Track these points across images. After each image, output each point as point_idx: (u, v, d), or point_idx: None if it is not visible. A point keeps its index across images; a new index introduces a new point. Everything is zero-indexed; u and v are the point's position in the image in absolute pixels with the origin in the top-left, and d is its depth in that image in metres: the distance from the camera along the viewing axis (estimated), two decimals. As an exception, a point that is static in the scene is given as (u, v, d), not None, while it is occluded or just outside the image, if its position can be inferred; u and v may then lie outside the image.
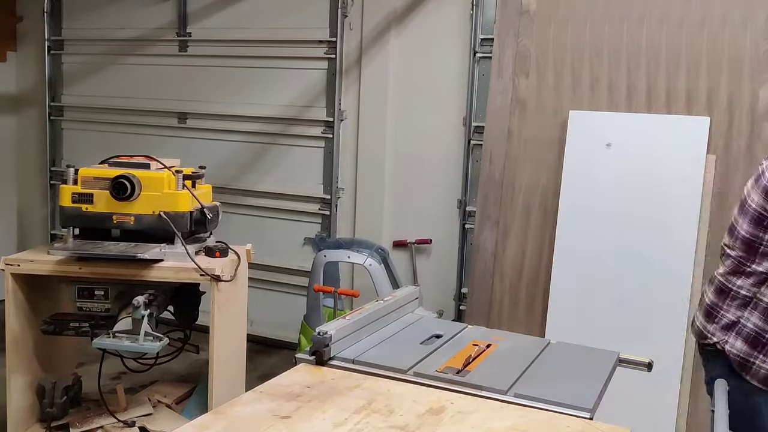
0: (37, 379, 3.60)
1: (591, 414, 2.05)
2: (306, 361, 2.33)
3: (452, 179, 5.00)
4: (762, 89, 3.89)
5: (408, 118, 5.10)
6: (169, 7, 5.81)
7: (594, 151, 4.02)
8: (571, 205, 4.06)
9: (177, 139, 5.85)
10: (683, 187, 3.85)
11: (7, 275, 3.41)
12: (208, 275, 3.35)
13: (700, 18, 4.00)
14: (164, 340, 3.28)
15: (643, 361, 2.63)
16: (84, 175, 3.43)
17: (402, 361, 2.33)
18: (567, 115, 4.17)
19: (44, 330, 3.46)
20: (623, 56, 4.15)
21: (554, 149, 4.25)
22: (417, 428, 1.93)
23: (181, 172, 3.49)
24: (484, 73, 4.80)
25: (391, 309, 2.81)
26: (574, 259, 4.02)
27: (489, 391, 2.15)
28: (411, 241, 5.09)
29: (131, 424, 3.64)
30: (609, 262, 3.93)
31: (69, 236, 3.47)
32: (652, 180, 3.91)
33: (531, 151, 4.36)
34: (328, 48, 5.29)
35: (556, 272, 4.06)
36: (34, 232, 6.47)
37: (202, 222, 3.53)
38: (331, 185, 5.35)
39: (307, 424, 1.93)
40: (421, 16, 5.01)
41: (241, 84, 5.62)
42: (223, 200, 3.94)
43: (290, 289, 5.53)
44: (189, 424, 1.97)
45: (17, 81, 6.45)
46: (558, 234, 4.09)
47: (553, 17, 4.33)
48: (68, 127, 6.34)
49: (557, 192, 4.22)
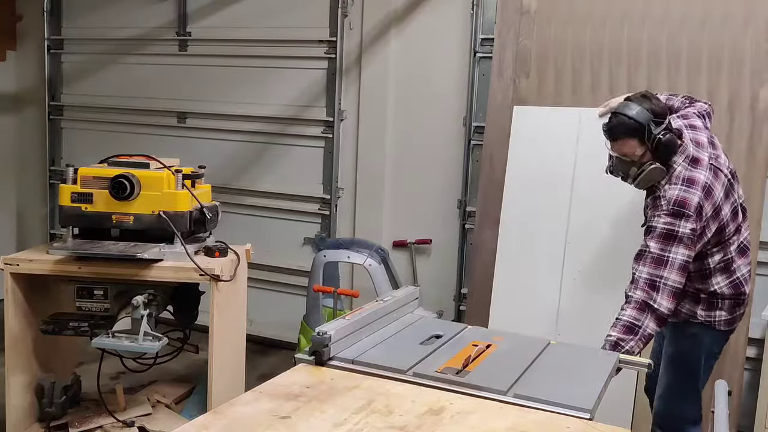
0: (36, 379, 3.60)
1: (591, 415, 2.05)
2: (305, 361, 2.33)
3: (452, 179, 5.00)
4: (762, 89, 3.89)
5: (408, 118, 5.10)
6: (168, 7, 5.80)
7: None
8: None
9: (176, 138, 5.84)
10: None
11: (6, 275, 3.41)
12: (208, 275, 3.35)
13: (700, 18, 4.00)
14: (163, 339, 3.28)
15: (643, 362, 2.63)
16: (83, 175, 3.43)
17: (402, 361, 2.33)
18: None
19: (43, 330, 3.45)
20: (624, 56, 4.15)
21: (554, 149, 4.25)
22: (416, 428, 1.93)
23: (181, 172, 3.48)
24: (484, 73, 4.80)
25: (390, 309, 2.81)
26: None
27: (488, 391, 2.15)
28: (411, 241, 5.09)
29: (130, 423, 3.64)
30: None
31: (68, 236, 3.46)
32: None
33: (531, 151, 4.35)
34: (328, 47, 5.29)
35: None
36: (33, 232, 6.46)
37: (202, 222, 3.53)
38: (331, 185, 5.35)
39: (306, 424, 1.92)
40: (422, 16, 5.00)
41: (241, 84, 5.62)
42: (222, 200, 3.93)
43: (290, 289, 5.53)
44: (188, 424, 1.97)
45: (17, 80, 6.44)
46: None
47: (553, 17, 4.33)
48: (68, 127, 6.34)
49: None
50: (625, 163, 2.89)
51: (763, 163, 3.88)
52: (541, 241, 3.97)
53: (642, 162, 2.86)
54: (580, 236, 3.87)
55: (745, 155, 3.89)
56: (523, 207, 4.08)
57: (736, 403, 3.84)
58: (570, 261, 3.89)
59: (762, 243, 3.96)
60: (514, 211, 4.11)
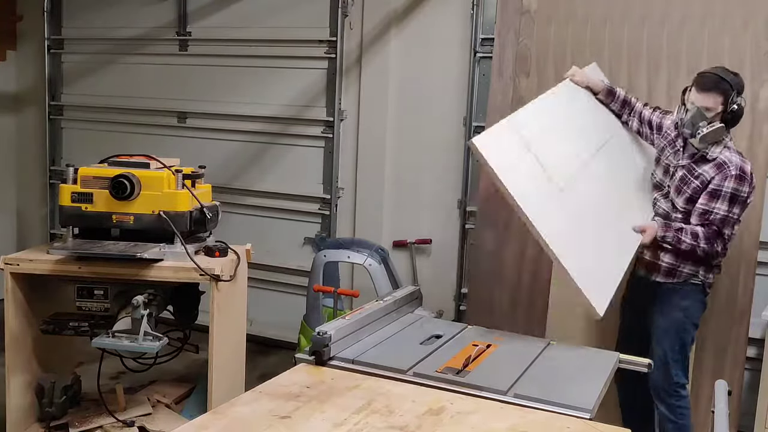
0: (36, 379, 3.59)
1: (591, 415, 2.05)
2: (305, 361, 2.33)
3: (452, 179, 5.00)
4: (762, 89, 3.90)
5: (408, 117, 5.09)
6: (169, 7, 5.80)
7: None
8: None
9: (177, 138, 5.84)
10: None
11: (6, 275, 3.41)
12: (208, 275, 3.35)
13: (700, 19, 4.00)
14: (163, 339, 3.28)
15: (642, 362, 2.63)
16: (84, 175, 3.43)
17: (402, 361, 2.33)
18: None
19: (43, 329, 3.45)
20: (624, 56, 4.15)
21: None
22: (416, 428, 1.93)
23: (181, 172, 3.48)
24: (484, 73, 4.80)
25: (390, 309, 2.81)
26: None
27: (489, 391, 2.15)
28: (411, 241, 5.08)
29: (130, 423, 3.63)
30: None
31: (68, 236, 3.46)
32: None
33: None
34: (328, 47, 5.29)
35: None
36: (33, 232, 6.46)
37: (202, 221, 3.53)
38: (331, 185, 5.35)
39: (306, 424, 1.93)
40: (422, 16, 5.00)
41: (241, 83, 5.61)
42: (222, 200, 3.93)
43: (290, 289, 5.53)
44: (188, 424, 1.97)
45: (17, 80, 6.44)
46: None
47: (553, 17, 4.33)
48: (68, 127, 6.34)
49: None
50: (700, 115, 3.20)
51: (763, 163, 3.88)
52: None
53: (713, 120, 3.21)
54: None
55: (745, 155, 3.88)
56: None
57: (736, 403, 3.84)
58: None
59: (762, 243, 3.96)
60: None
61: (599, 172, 3.41)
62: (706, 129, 3.20)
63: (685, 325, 3.41)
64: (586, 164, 3.32)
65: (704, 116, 3.20)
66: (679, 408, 3.40)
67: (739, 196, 3.23)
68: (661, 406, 3.42)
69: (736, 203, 3.23)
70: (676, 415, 3.39)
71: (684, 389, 3.43)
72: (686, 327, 3.41)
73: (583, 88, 3.70)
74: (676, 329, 3.39)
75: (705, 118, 3.20)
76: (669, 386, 3.38)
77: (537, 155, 3.00)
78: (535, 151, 3.01)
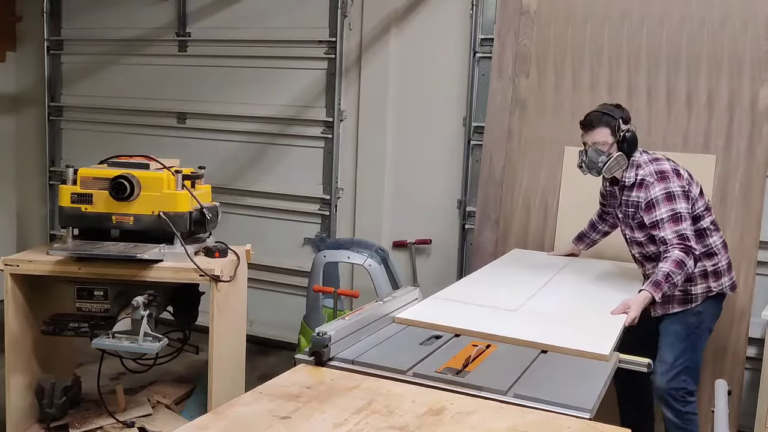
0: (36, 380, 3.59)
1: (591, 414, 2.05)
2: (305, 362, 2.33)
3: (452, 179, 5.00)
4: (762, 89, 3.89)
5: (408, 118, 5.09)
6: (168, 7, 5.80)
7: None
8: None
9: (176, 139, 5.84)
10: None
11: (6, 275, 3.41)
12: (208, 275, 3.35)
13: (700, 18, 4.00)
14: (163, 340, 3.28)
15: (642, 362, 2.63)
16: (83, 176, 3.43)
17: (401, 361, 2.33)
18: (567, 115, 4.17)
19: (43, 330, 3.45)
20: (623, 56, 4.15)
21: (554, 149, 4.25)
22: (416, 429, 1.93)
23: (181, 172, 3.48)
24: (484, 73, 4.80)
25: (390, 309, 2.81)
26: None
27: (488, 391, 2.15)
28: (411, 241, 5.08)
29: (130, 424, 3.63)
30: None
31: (68, 236, 3.46)
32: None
33: (531, 151, 4.35)
34: (327, 48, 5.29)
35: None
36: (33, 233, 6.46)
37: (202, 222, 3.53)
38: (331, 185, 5.35)
39: (306, 424, 1.92)
40: (421, 16, 5.00)
41: (240, 84, 5.62)
42: (222, 200, 3.93)
43: (290, 290, 5.53)
44: (188, 424, 1.97)
45: (16, 81, 6.44)
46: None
47: (553, 17, 4.33)
48: (67, 127, 6.34)
49: (557, 192, 4.22)
50: (596, 152, 3.35)
51: (763, 162, 3.88)
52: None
53: (609, 152, 3.34)
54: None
55: (745, 155, 3.89)
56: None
57: (736, 403, 3.84)
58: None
59: (762, 243, 3.96)
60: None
61: (564, 280, 3.51)
62: (609, 161, 3.32)
63: (699, 330, 3.38)
64: (535, 295, 3.24)
65: (601, 151, 3.33)
66: (687, 414, 3.33)
67: (673, 192, 3.23)
68: (668, 412, 3.35)
69: (676, 199, 3.22)
70: (684, 422, 3.33)
71: (692, 396, 3.37)
72: (700, 332, 3.38)
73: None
74: (688, 333, 3.35)
75: (602, 152, 3.33)
76: (677, 392, 3.31)
77: (475, 303, 3.03)
78: (473, 302, 3.05)
